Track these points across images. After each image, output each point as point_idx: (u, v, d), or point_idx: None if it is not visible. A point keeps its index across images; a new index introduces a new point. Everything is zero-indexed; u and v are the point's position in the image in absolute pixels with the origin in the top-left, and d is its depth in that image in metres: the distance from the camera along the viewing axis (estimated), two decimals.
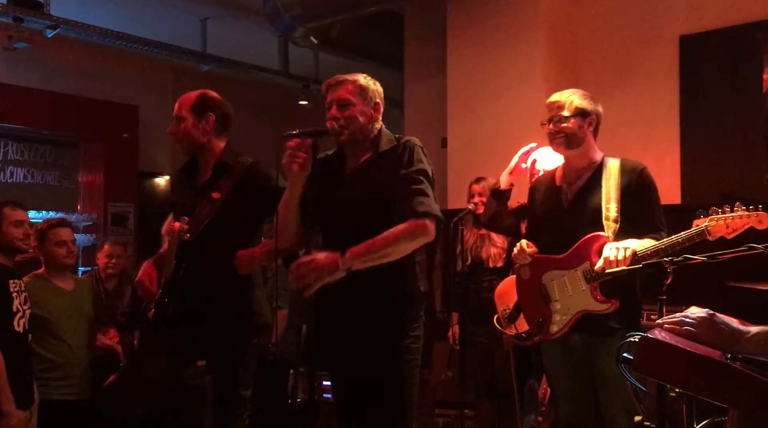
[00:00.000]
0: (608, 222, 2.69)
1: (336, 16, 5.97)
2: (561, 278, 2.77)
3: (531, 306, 2.91)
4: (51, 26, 5.56)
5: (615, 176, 2.76)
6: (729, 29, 4.54)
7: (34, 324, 3.36)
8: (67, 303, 3.59)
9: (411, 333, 2.53)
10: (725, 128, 4.55)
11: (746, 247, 2.15)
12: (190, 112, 2.88)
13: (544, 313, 2.82)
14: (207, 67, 6.95)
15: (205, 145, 2.90)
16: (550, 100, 2.87)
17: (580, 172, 2.86)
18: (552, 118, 2.83)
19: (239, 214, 2.80)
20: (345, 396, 2.67)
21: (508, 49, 4.99)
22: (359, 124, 2.55)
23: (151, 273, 2.87)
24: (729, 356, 1.54)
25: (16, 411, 2.96)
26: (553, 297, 2.80)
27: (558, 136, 2.81)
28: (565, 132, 2.79)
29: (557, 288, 2.79)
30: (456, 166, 5.12)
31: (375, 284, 2.48)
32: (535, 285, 2.86)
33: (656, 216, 2.75)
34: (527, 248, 2.83)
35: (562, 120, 2.80)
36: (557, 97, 2.86)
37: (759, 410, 1.47)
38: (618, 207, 2.70)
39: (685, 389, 1.62)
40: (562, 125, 2.79)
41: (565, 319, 2.76)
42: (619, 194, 2.72)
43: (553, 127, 2.81)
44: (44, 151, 7.47)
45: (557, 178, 2.94)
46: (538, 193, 3.01)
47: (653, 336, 1.59)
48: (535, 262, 2.85)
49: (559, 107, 2.82)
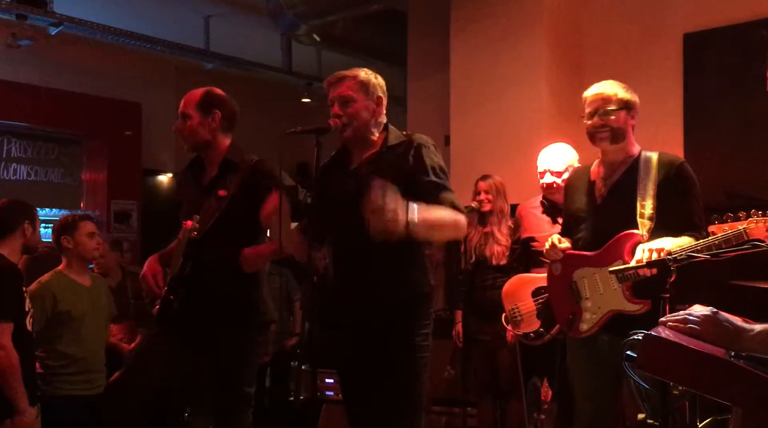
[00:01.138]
0: (643, 220, 2.61)
1: (339, 13, 5.97)
2: (592, 276, 2.69)
3: (561, 302, 2.82)
4: (54, 23, 5.57)
5: (652, 171, 2.66)
6: (733, 27, 4.52)
7: (57, 321, 3.46)
8: (87, 299, 3.65)
9: (422, 330, 2.52)
10: (729, 126, 4.54)
11: (750, 245, 2.14)
12: (196, 110, 2.87)
13: (575, 311, 2.74)
14: (210, 64, 6.96)
15: (210, 143, 2.89)
16: (593, 93, 2.75)
17: (615, 166, 2.76)
18: (597, 111, 2.70)
19: (245, 211, 2.80)
20: (354, 395, 2.65)
21: (511, 46, 4.98)
22: (363, 120, 2.55)
23: (156, 270, 2.88)
24: (733, 354, 1.54)
25: (30, 408, 3.00)
26: (584, 294, 2.72)
27: (603, 131, 2.70)
28: (611, 126, 2.68)
29: (588, 285, 2.71)
30: (459, 164, 5.11)
31: (387, 279, 2.48)
32: (565, 282, 2.77)
33: (695, 214, 2.65)
34: (559, 244, 2.75)
35: (608, 113, 2.68)
36: (600, 90, 2.74)
37: (762, 408, 1.47)
38: (654, 204, 2.61)
39: (689, 387, 1.62)
40: (610, 118, 2.68)
41: (595, 318, 2.68)
42: (655, 190, 2.62)
43: (599, 121, 2.70)
44: (47, 149, 7.49)
45: (592, 173, 2.85)
46: (572, 188, 2.93)
47: (657, 334, 1.58)
48: (567, 258, 2.77)
49: (605, 100, 2.70)
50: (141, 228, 7.53)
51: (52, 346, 3.51)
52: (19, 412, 2.95)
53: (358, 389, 2.63)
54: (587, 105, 2.75)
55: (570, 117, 5.01)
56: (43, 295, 3.45)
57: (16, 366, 2.94)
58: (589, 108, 2.74)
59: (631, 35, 4.91)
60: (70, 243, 3.59)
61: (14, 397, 2.94)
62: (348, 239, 2.56)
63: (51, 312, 3.46)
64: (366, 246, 2.49)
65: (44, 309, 3.43)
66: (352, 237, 2.49)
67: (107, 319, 3.87)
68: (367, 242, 2.47)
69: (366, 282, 2.51)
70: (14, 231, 3.16)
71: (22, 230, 3.18)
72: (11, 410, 2.94)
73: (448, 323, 4.39)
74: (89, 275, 3.78)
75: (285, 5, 5.83)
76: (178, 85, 7.53)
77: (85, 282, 3.68)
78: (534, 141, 4.84)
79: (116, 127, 7.37)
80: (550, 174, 3.66)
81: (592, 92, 2.76)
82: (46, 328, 3.45)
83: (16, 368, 2.94)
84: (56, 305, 3.47)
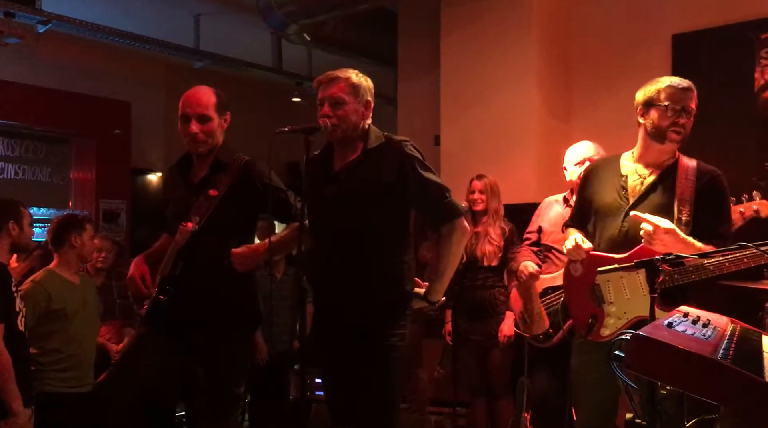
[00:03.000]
0: (680, 226, 2.48)
1: (329, 12, 5.97)
2: (619, 280, 2.55)
3: (580, 304, 2.68)
4: (43, 21, 5.53)
5: (692, 177, 2.56)
6: (721, 28, 4.55)
7: (49, 319, 3.45)
8: (78, 296, 3.65)
9: (398, 331, 2.55)
10: (717, 127, 4.56)
11: (737, 246, 2.15)
12: (216, 112, 2.81)
13: (596, 314, 2.60)
14: (200, 63, 6.93)
15: (218, 144, 2.87)
16: (685, 87, 2.56)
17: (656, 165, 2.63)
18: (684, 109, 2.54)
19: (236, 211, 2.79)
20: (334, 394, 2.70)
21: (501, 47, 4.99)
22: (351, 122, 2.56)
23: (143, 270, 2.86)
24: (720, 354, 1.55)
25: (23, 409, 2.99)
26: (608, 298, 2.58)
27: (681, 133, 2.56)
28: (688, 131, 2.56)
29: (613, 289, 2.58)
30: (449, 164, 5.12)
31: (364, 281, 2.52)
32: (587, 284, 2.63)
33: (723, 225, 2.59)
34: (583, 243, 2.59)
35: (692, 116, 2.56)
36: (689, 84, 2.56)
37: (749, 407, 1.48)
38: (690, 210, 2.51)
39: (677, 387, 1.62)
40: (691, 121, 2.55)
41: (619, 323, 2.55)
42: (693, 197, 2.53)
43: (685, 121, 2.54)
44: (36, 148, 7.44)
45: (623, 167, 2.68)
46: (597, 179, 2.73)
47: (645, 334, 1.59)
48: (590, 259, 2.60)
49: (692, 100, 2.56)
50: (130, 228, 7.50)
51: (43, 343, 3.49)
52: (12, 414, 2.93)
53: (337, 388, 2.67)
54: (671, 97, 2.54)
55: (560, 116, 5.04)
56: (37, 294, 3.44)
57: (8, 367, 2.93)
58: (671, 101, 2.54)
59: (621, 36, 4.94)
60: (77, 241, 3.60)
61: (7, 399, 2.92)
62: (327, 242, 2.60)
63: (44, 310, 3.45)
64: (344, 249, 2.53)
65: (37, 307, 3.42)
66: (331, 240, 2.56)
67: (97, 317, 3.86)
68: (344, 245, 2.51)
69: (344, 284, 2.55)
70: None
71: (7, 230, 3.17)
72: (4, 412, 2.92)
73: (438, 323, 4.40)
74: (78, 274, 3.78)
75: (275, 4, 5.81)
76: (167, 84, 7.49)
77: (74, 279, 3.68)
78: (524, 141, 4.86)
79: (105, 125, 7.33)
80: (590, 162, 3.39)
81: (680, 85, 2.57)
82: (38, 326, 3.44)
83: (8, 369, 2.93)
84: (50, 303, 3.46)
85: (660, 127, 2.56)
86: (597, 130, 2.87)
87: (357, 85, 2.57)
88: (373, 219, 2.50)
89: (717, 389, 1.49)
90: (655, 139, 2.60)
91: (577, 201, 2.89)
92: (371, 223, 2.50)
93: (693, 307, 2.01)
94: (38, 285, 3.49)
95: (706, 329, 1.77)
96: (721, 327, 1.88)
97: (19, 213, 3.26)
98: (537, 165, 4.81)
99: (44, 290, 3.47)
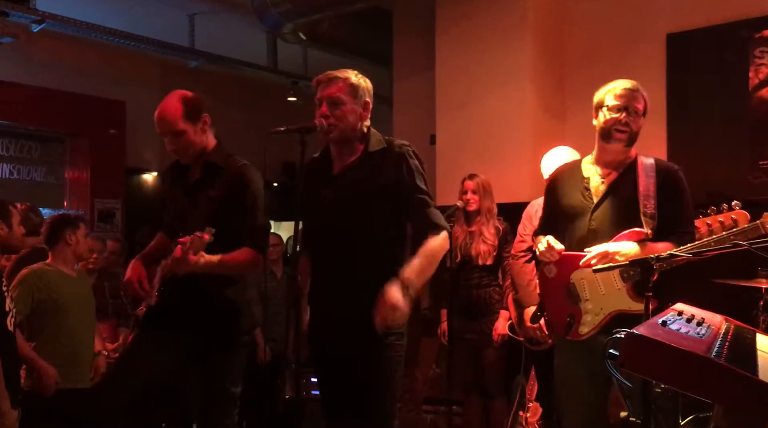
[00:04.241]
0: (646, 219, 2.58)
1: (325, 12, 5.97)
2: (593, 276, 2.60)
3: (557, 305, 2.73)
4: (37, 21, 5.52)
5: (651, 173, 2.65)
6: (715, 27, 4.56)
7: (43, 310, 3.46)
8: (75, 288, 3.66)
9: (396, 329, 2.53)
10: (711, 126, 4.58)
11: (731, 244, 2.16)
12: (187, 122, 2.76)
13: (573, 313, 2.66)
14: (195, 62, 6.93)
15: (204, 148, 2.84)
16: (625, 87, 2.65)
17: (614, 166, 2.72)
18: (627, 108, 2.63)
19: (231, 215, 2.78)
20: (329, 393, 2.69)
21: (496, 46, 5.00)
22: (349, 123, 2.55)
23: (141, 273, 2.85)
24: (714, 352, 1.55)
25: (11, 410, 2.97)
26: (584, 296, 2.65)
27: (624, 130, 2.64)
28: (632, 129, 2.64)
29: (588, 287, 2.64)
30: (444, 163, 5.13)
31: (357, 286, 2.50)
32: (562, 284, 2.69)
33: (686, 218, 2.67)
34: (555, 245, 2.66)
35: (638, 115, 2.65)
36: (634, 87, 2.66)
37: (742, 405, 1.49)
38: (655, 204, 2.60)
39: (671, 385, 1.63)
40: (637, 121, 2.64)
41: (597, 320, 2.61)
42: (655, 191, 2.62)
43: (625, 118, 2.62)
44: (30, 147, 7.42)
45: (585, 170, 2.78)
46: (562, 184, 2.83)
47: (639, 332, 1.60)
48: (563, 260, 2.68)
49: (636, 99, 2.65)
50: (125, 228, 7.48)
51: (39, 336, 3.49)
52: (0, 414, 2.93)
53: (334, 388, 2.66)
54: (615, 98, 2.65)
55: (554, 116, 5.06)
56: (31, 281, 3.46)
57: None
58: (619, 101, 2.64)
59: (615, 35, 4.95)
60: (72, 239, 3.62)
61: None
62: (325, 244, 2.59)
63: (38, 299, 3.45)
64: (342, 252, 2.54)
65: (30, 295, 3.43)
66: (329, 243, 2.55)
67: (93, 312, 3.85)
68: (342, 248, 2.51)
69: (342, 286, 2.55)
70: None
71: None
72: None
73: (433, 322, 4.40)
74: (73, 268, 3.79)
75: (270, 3, 5.81)
76: (162, 83, 7.48)
77: (71, 273, 3.70)
78: (519, 140, 4.87)
79: (100, 125, 7.31)
80: None
81: (623, 86, 2.67)
82: (33, 316, 3.44)
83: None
84: (44, 292, 3.47)
85: (605, 127, 2.68)
86: (591, 129, 2.86)
87: (356, 86, 2.56)
88: (371, 221, 2.50)
89: (711, 387, 1.50)
90: (604, 139, 2.71)
91: (545, 209, 2.97)
92: (369, 225, 2.50)
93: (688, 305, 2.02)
94: (33, 272, 3.50)
95: (701, 327, 1.78)
96: (716, 325, 1.89)
97: (8, 212, 3.24)
98: (531, 163, 4.81)
99: (39, 277, 3.49)
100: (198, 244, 2.54)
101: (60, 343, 3.54)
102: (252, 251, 2.72)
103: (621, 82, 2.70)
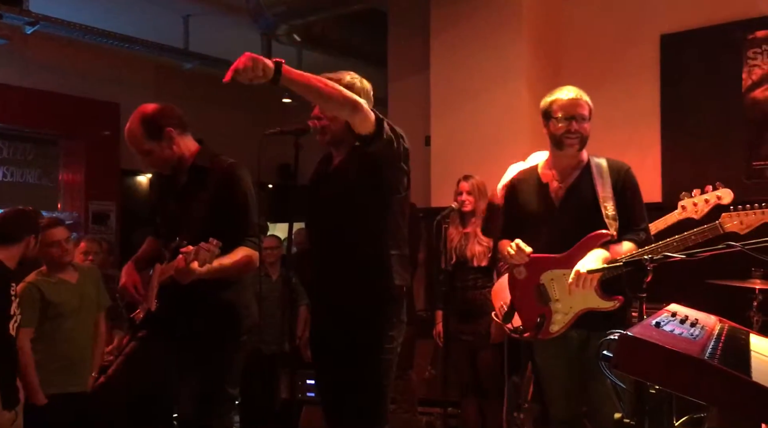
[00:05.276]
0: (609, 220, 2.69)
1: (319, 13, 5.96)
2: (562, 277, 2.71)
3: (527, 306, 2.85)
4: (30, 23, 5.50)
5: (606, 174, 2.76)
6: (709, 28, 4.58)
7: (44, 317, 3.46)
8: (74, 295, 3.64)
9: (388, 332, 2.54)
10: (706, 127, 4.60)
11: (725, 245, 2.16)
12: (150, 141, 2.79)
13: (543, 313, 2.77)
14: (189, 64, 6.90)
15: (181, 156, 2.84)
16: (569, 98, 2.78)
17: (570, 169, 2.84)
18: (574, 117, 2.76)
19: (222, 216, 2.77)
20: (324, 393, 2.72)
21: (491, 47, 5.00)
22: (341, 124, 2.55)
23: (135, 279, 2.84)
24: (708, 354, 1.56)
25: (2, 411, 2.97)
26: (553, 296, 2.76)
27: (575, 137, 2.76)
28: (582, 134, 2.77)
29: (557, 287, 2.74)
30: (439, 164, 5.13)
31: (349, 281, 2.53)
32: (532, 285, 2.81)
33: (639, 215, 2.78)
34: (525, 248, 2.75)
35: (585, 120, 2.77)
36: (578, 95, 2.79)
37: (737, 407, 1.49)
38: (614, 204, 2.71)
39: (665, 386, 1.63)
40: (584, 126, 2.77)
41: (567, 318, 2.73)
42: (612, 192, 2.73)
43: (575, 126, 2.75)
44: (24, 149, 7.40)
45: (543, 175, 2.90)
46: (521, 192, 2.95)
47: (633, 334, 1.60)
48: (532, 262, 2.78)
49: (581, 107, 2.77)
50: (119, 230, 7.46)
51: (39, 343, 3.48)
52: None
53: (329, 388, 2.68)
54: (561, 109, 2.77)
55: None
56: (30, 294, 3.45)
57: None
58: (562, 112, 2.77)
59: (609, 36, 4.96)
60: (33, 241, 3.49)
61: None
62: (321, 241, 2.64)
63: (40, 310, 3.46)
64: (334, 248, 2.56)
65: (33, 306, 3.42)
66: (324, 239, 2.61)
67: (97, 312, 3.81)
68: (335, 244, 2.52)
69: (334, 282, 2.58)
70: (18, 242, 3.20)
71: (26, 242, 3.23)
72: None
73: (428, 323, 4.40)
74: (75, 270, 3.75)
75: (265, 5, 5.80)
76: (157, 85, 7.47)
77: (70, 278, 3.67)
78: (514, 141, 4.87)
79: (94, 127, 7.29)
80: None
81: (567, 97, 2.79)
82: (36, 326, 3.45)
83: None
84: (44, 301, 3.47)
85: (556, 136, 2.80)
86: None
87: (349, 87, 2.56)
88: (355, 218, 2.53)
89: (705, 389, 1.50)
90: (556, 147, 2.83)
91: (506, 216, 3.06)
92: (354, 222, 2.54)
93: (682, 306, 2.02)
94: (30, 285, 3.49)
95: (694, 328, 1.78)
96: (709, 326, 1.90)
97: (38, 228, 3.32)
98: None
99: (37, 289, 3.48)
100: (206, 256, 2.53)
101: (56, 349, 3.53)
102: (247, 249, 2.73)
103: (564, 90, 2.81)
